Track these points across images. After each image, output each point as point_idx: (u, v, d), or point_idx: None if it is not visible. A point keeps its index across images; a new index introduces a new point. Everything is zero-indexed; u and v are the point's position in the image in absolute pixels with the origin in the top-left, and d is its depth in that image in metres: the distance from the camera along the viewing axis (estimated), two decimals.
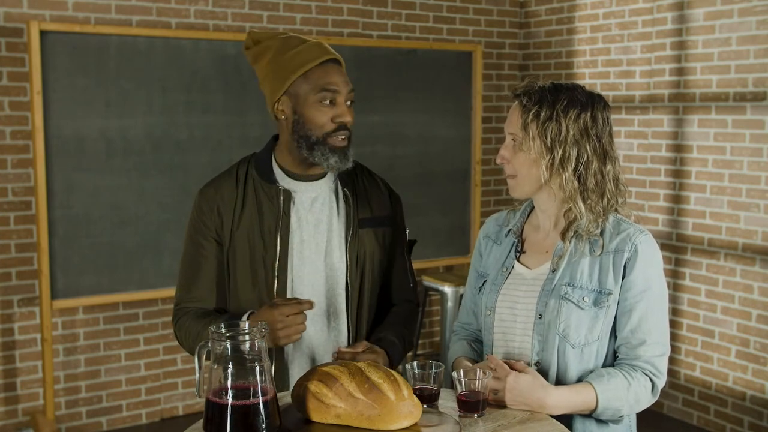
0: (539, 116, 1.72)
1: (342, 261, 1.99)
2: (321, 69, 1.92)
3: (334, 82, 1.92)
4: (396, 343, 1.99)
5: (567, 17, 4.85)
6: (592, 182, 1.74)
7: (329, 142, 1.93)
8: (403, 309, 2.12)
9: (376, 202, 2.07)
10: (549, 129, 1.72)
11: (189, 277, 2.00)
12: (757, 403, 3.94)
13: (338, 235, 1.99)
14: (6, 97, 3.83)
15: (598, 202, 1.75)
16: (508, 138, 1.79)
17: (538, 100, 1.74)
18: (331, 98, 1.92)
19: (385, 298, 2.11)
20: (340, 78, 1.93)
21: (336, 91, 1.92)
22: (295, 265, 1.96)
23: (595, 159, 1.74)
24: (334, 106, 1.93)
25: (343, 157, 1.95)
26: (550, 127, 1.72)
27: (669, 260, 4.28)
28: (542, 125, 1.72)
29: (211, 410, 1.45)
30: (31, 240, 3.93)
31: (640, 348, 1.74)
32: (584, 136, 1.73)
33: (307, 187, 2.00)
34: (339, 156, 1.94)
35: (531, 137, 1.73)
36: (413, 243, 2.20)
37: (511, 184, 1.81)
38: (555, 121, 1.72)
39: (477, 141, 4.83)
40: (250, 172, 2.01)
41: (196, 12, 4.18)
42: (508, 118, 1.80)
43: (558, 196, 1.79)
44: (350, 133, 1.96)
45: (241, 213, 1.97)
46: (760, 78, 3.84)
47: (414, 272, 2.19)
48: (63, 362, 4.06)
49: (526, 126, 1.73)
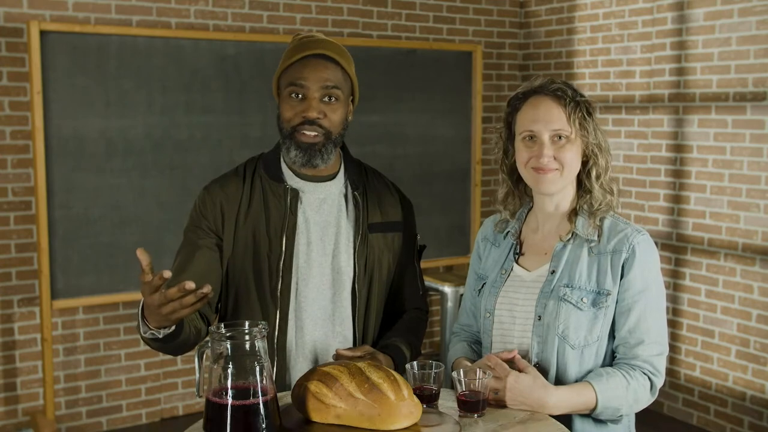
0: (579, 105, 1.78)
1: (349, 265, 1.96)
2: (299, 64, 1.89)
3: (303, 76, 1.87)
4: (402, 350, 1.96)
5: (567, 17, 4.85)
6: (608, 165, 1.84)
7: (295, 136, 1.90)
8: (411, 317, 2.09)
9: (387, 207, 2.04)
10: (589, 117, 1.79)
11: (180, 264, 1.95)
12: (757, 403, 3.94)
13: (346, 238, 1.96)
14: (6, 97, 3.83)
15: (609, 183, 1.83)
16: (546, 135, 1.77)
17: (572, 93, 1.79)
18: (299, 92, 1.88)
19: (394, 305, 2.07)
20: (314, 73, 1.88)
21: (303, 86, 1.87)
22: (300, 267, 1.93)
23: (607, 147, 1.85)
24: (304, 100, 1.89)
25: (307, 153, 1.90)
26: (590, 115, 1.80)
27: (669, 260, 4.28)
28: (584, 114, 1.78)
29: (211, 410, 1.45)
30: (31, 240, 3.93)
31: (638, 348, 1.74)
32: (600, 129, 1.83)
33: (315, 188, 1.96)
34: (302, 151, 1.90)
35: (578, 127, 1.77)
36: (423, 249, 2.18)
37: (552, 177, 1.78)
38: (586, 110, 1.79)
39: (477, 141, 4.83)
40: (258, 171, 1.98)
41: (196, 12, 4.18)
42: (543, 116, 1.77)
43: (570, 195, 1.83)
44: (325, 131, 1.90)
45: (247, 210, 1.94)
46: (760, 78, 3.84)
47: (423, 279, 2.16)
48: (63, 362, 4.06)
49: (570, 118, 1.77)
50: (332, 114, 1.90)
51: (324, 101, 1.89)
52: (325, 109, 1.89)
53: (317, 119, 1.88)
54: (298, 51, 1.91)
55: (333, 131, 1.91)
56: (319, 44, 1.92)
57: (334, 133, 1.92)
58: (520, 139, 1.81)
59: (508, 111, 1.86)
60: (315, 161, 1.91)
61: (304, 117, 1.88)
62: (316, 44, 1.92)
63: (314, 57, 1.89)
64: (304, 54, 1.89)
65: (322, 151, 1.91)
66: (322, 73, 1.88)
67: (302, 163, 1.92)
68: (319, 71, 1.88)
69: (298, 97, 1.89)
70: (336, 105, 1.91)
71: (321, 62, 1.89)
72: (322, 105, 1.89)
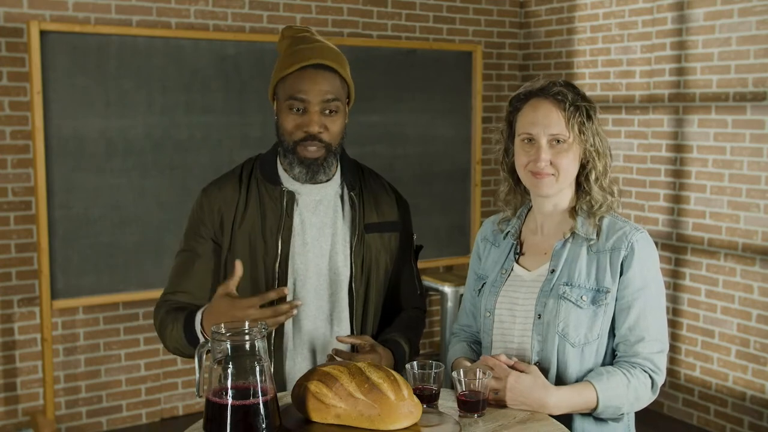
0: (578, 110, 1.76)
1: (346, 266, 1.96)
2: (297, 74, 1.88)
3: (304, 90, 1.86)
4: (402, 345, 1.97)
5: (567, 17, 4.85)
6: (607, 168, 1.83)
7: (298, 151, 1.91)
8: (409, 315, 2.09)
9: (384, 207, 2.04)
10: (588, 122, 1.77)
11: (181, 270, 1.97)
12: (757, 403, 3.94)
13: (343, 239, 1.97)
14: (6, 97, 3.83)
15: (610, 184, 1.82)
16: (544, 140, 1.77)
17: (572, 97, 1.77)
18: (299, 106, 1.88)
19: (392, 305, 2.08)
20: (314, 86, 1.87)
21: (304, 100, 1.87)
22: (297, 268, 1.94)
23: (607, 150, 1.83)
24: (305, 114, 1.88)
25: (310, 169, 1.91)
26: (589, 119, 1.78)
27: (669, 260, 4.28)
28: (582, 124, 1.77)
29: (211, 410, 1.44)
30: (31, 240, 3.93)
31: (638, 345, 1.74)
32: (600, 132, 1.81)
33: (311, 190, 1.97)
34: (305, 167, 1.91)
35: (577, 134, 1.76)
36: (420, 248, 2.18)
37: (548, 182, 1.78)
38: (588, 118, 1.78)
39: (477, 141, 4.83)
40: (254, 173, 1.99)
41: (196, 12, 4.18)
42: (542, 120, 1.77)
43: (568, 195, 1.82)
44: (325, 144, 1.90)
45: (244, 213, 1.94)
46: (760, 78, 3.84)
47: (421, 279, 2.17)
48: (63, 362, 4.06)
49: (569, 123, 1.76)
50: (332, 126, 1.91)
51: (324, 114, 1.89)
52: (326, 122, 1.90)
53: (318, 134, 1.89)
54: (295, 59, 1.90)
55: (333, 143, 1.93)
56: (315, 52, 1.90)
57: (334, 145, 1.94)
58: (519, 141, 1.82)
59: (509, 110, 1.86)
60: (318, 177, 1.94)
61: (306, 132, 1.89)
62: (313, 52, 1.90)
63: (312, 68, 1.89)
64: (302, 64, 1.88)
65: (324, 165, 1.93)
66: (322, 86, 1.88)
67: (306, 179, 1.94)
68: (318, 83, 1.87)
69: (299, 111, 1.89)
70: (336, 117, 1.92)
71: (320, 73, 1.88)
72: (323, 118, 1.89)
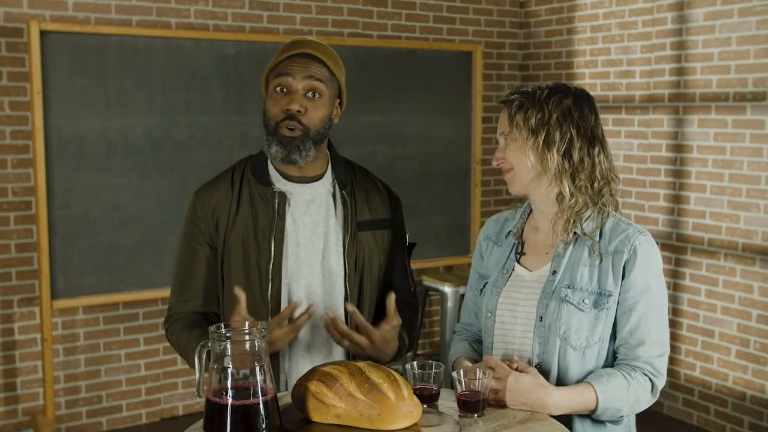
0: (522, 106, 1.78)
1: (340, 264, 1.96)
2: (286, 61, 1.91)
3: (289, 70, 1.88)
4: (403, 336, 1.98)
5: (567, 17, 4.85)
6: (578, 162, 1.76)
7: (278, 131, 1.90)
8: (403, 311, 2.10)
9: (376, 204, 2.04)
10: (532, 115, 1.76)
11: (182, 281, 1.98)
12: (757, 403, 3.94)
13: (336, 238, 1.97)
14: (6, 97, 3.83)
15: (586, 181, 1.77)
16: (501, 140, 1.84)
17: (520, 96, 1.80)
18: (284, 85, 1.89)
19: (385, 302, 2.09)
20: (299, 67, 1.88)
21: (287, 76, 1.88)
22: (290, 268, 1.94)
23: (580, 139, 1.77)
24: (288, 94, 1.89)
25: (285, 147, 1.89)
26: (533, 113, 1.76)
27: (669, 260, 4.28)
28: (525, 113, 1.77)
29: (211, 410, 1.45)
30: (31, 240, 3.93)
31: (639, 348, 1.74)
32: (567, 117, 1.77)
33: (303, 189, 1.97)
34: (281, 147, 1.89)
35: (517, 126, 1.77)
36: (413, 246, 2.18)
37: (509, 178, 1.83)
38: (538, 108, 1.77)
39: (477, 141, 4.82)
40: (246, 175, 1.99)
41: (196, 12, 4.18)
42: (499, 124, 1.85)
43: (552, 191, 1.80)
44: (303, 127, 1.89)
45: (236, 215, 1.94)
46: (760, 78, 3.84)
47: (414, 275, 2.18)
48: (63, 362, 4.06)
49: (512, 119, 1.78)
50: (313, 111, 1.90)
51: (308, 96, 1.89)
52: (307, 105, 1.89)
53: (298, 113, 1.88)
54: (286, 50, 1.93)
55: (312, 128, 1.90)
56: (307, 44, 1.93)
57: (313, 131, 1.91)
58: None
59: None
60: (293, 156, 1.90)
61: (287, 111, 1.88)
62: (305, 43, 1.93)
63: (302, 56, 1.90)
64: (292, 52, 1.91)
65: (300, 147, 1.89)
66: (308, 67, 1.89)
67: (281, 158, 1.91)
68: (304, 66, 1.89)
69: (283, 91, 1.90)
70: (319, 102, 1.91)
71: (308, 60, 1.91)
72: (305, 100, 1.89)
